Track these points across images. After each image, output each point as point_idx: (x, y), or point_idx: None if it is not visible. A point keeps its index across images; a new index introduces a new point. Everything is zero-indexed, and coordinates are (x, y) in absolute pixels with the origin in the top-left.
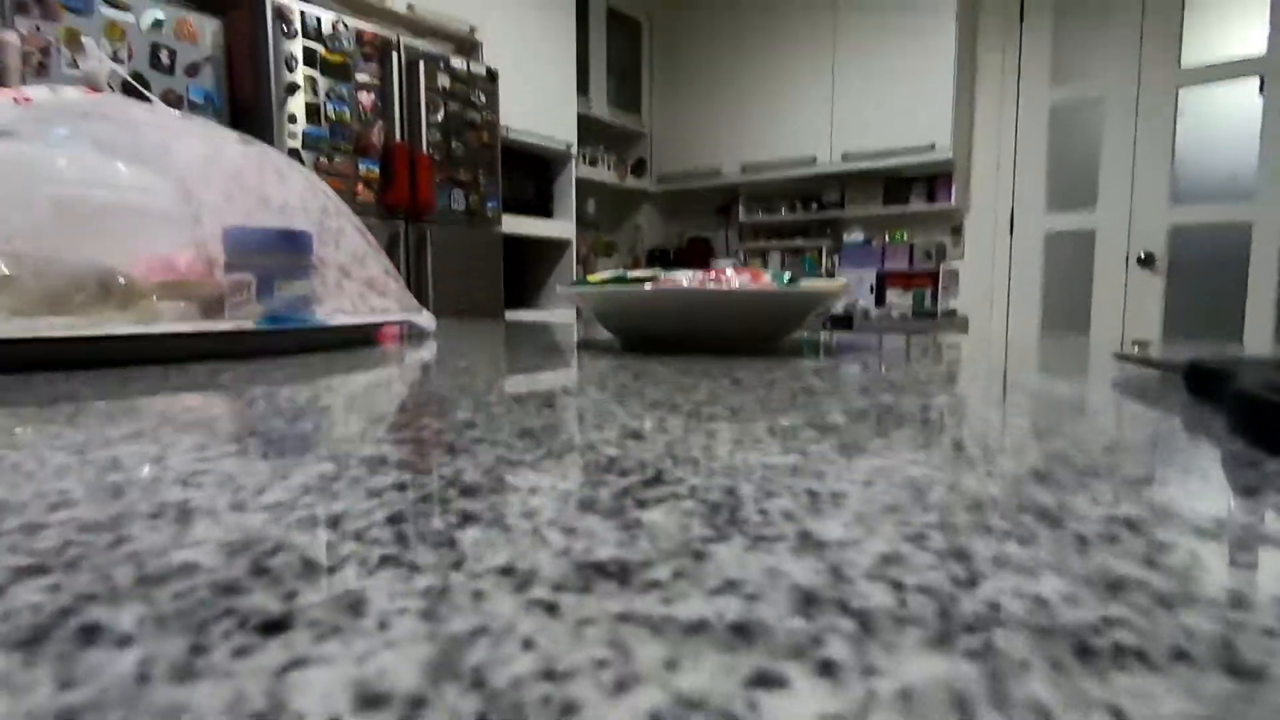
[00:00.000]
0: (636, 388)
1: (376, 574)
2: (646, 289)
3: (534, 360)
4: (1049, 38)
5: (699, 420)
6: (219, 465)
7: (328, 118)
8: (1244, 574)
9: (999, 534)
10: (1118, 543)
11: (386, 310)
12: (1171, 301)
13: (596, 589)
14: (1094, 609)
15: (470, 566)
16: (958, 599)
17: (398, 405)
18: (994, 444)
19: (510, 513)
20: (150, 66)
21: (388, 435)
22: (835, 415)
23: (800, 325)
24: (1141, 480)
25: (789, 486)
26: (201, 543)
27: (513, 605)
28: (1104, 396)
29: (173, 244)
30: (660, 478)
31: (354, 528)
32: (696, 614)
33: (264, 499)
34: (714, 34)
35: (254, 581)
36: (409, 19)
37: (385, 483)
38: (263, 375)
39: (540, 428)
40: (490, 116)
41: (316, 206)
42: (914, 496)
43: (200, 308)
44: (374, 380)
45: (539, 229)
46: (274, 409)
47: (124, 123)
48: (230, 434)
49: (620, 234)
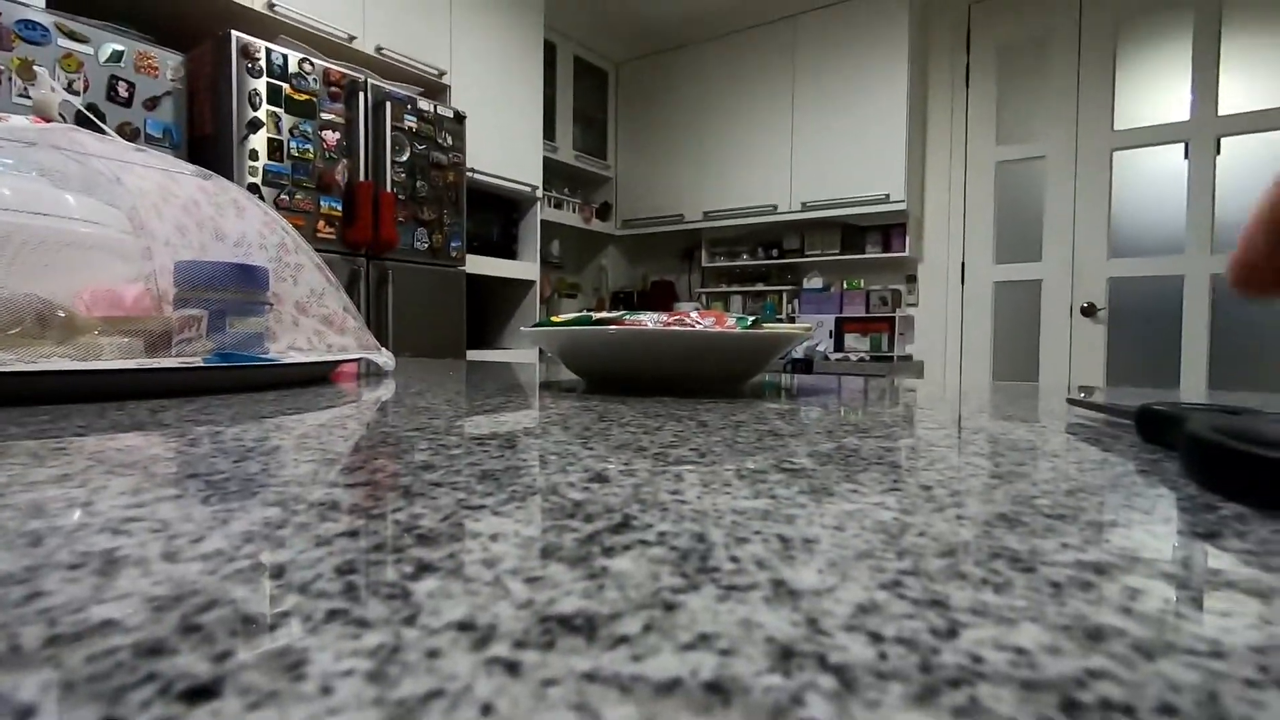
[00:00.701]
0: (601, 429)
1: (321, 631)
2: (611, 330)
3: (496, 400)
4: (993, 100)
5: (666, 463)
6: (153, 510)
7: (290, 154)
8: (1218, 621)
9: (974, 581)
10: (1091, 589)
11: (344, 348)
12: (1113, 349)
13: (561, 645)
14: (1076, 660)
15: (425, 621)
16: (939, 650)
17: (352, 446)
18: (961, 487)
19: (469, 561)
20: (107, 99)
21: (340, 478)
22: (802, 458)
23: (764, 367)
24: (1107, 524)
25: (760, 532)
26: (126, 596)
27: (470, 664)
28: (1060, 440)
29: (120, 277)
30: (628, 523)
31: (299, 579)
32: (669, 672)
33: (200, 547)
34: (678, 86)
35: (182, 641)
36: (378, 61)
37: (335, 529)
38: (208, 414)
39: (502, 470)
40: (457, 158)
41: (275, 242)
42: (886, 541)
43: (146, 343)
44: (328, 420)
45: (503, 269)
46: (218, 449)
47: (74, 153)
48: (168, 476)
49: (585, 275)
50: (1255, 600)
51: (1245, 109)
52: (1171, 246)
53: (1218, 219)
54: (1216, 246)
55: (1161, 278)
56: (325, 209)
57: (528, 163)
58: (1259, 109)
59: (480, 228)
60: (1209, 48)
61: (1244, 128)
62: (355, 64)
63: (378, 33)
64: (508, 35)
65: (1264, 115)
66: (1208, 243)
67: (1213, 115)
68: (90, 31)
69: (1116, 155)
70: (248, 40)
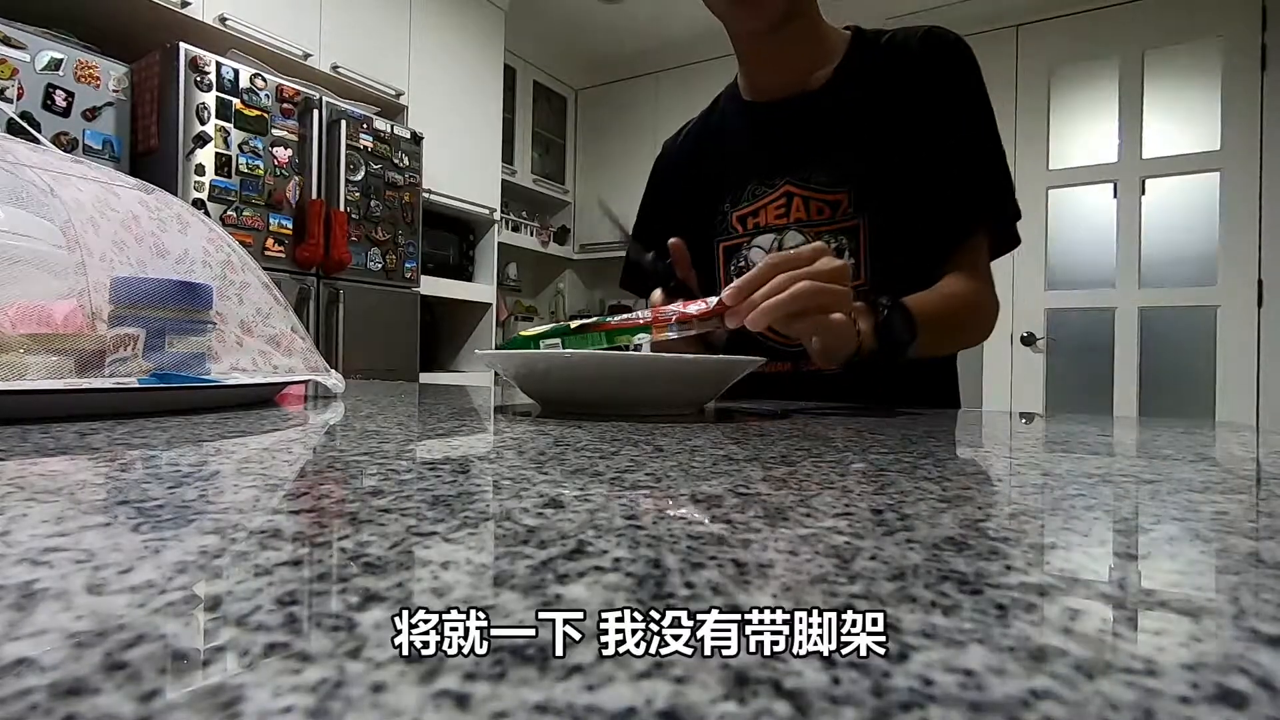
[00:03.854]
0: (557, 453)
1: (259, 666)
2: (567, 353)
3: (449, 424)
4: None
5: (622, 488)
6: (77, 540)
7: (239, 170)
8: (1151, 640)
9: (924, 604)
10: (1034, 610)
11: (290, 369)
12: (1051, 377)
13: (512, 675)
14: (1021, 681)
15: (370, 654)
16: (890, 674)
17: (296, 471)
18: (909, 510)
19: (418, 590)
20: (43, 108)
21: (283, 505)
22: (757, 483)
23: (719, 393)
24: (1046, 546)
25: (715, 557)
26: (43, 633)
27: (417, 698)
28: (1004, 464)
29: (52, 293)
30: (582, 549)
31: (236, 611)
32: (623, 701)
33: (129, 579)
34: (638, 113)
35: (105, 679)
36: (334, 79)
37: (277, 558)
38: (142, 437)
39: (454, 496)
40: (413, 178)
41: (220, 259)
42: (839, 566)
43: (77, 363)
44: (271, 444)
45: (459, 291)
46: (151, 475)
47: (3, 162)
48: (95, 503)
49: (541, 299)
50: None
51: (1167, 153)
52: (1103, 280)
53: (1144, 255)
54: (1144, 281)
55: (1094, 309)
56: (275, 227)
57: (486, 185)
58: (1179, 153)
59: (437, 249)
60: (1133, 94)
61: (1166, 170)
62: (311, 81)
63: (334, 51)
64: (467, 58)
65: (1184, 159)
66: (1135, 277)
67: (1138, 157)
68: (26, 37)
69: (1051, 193)
70: (197, 53)
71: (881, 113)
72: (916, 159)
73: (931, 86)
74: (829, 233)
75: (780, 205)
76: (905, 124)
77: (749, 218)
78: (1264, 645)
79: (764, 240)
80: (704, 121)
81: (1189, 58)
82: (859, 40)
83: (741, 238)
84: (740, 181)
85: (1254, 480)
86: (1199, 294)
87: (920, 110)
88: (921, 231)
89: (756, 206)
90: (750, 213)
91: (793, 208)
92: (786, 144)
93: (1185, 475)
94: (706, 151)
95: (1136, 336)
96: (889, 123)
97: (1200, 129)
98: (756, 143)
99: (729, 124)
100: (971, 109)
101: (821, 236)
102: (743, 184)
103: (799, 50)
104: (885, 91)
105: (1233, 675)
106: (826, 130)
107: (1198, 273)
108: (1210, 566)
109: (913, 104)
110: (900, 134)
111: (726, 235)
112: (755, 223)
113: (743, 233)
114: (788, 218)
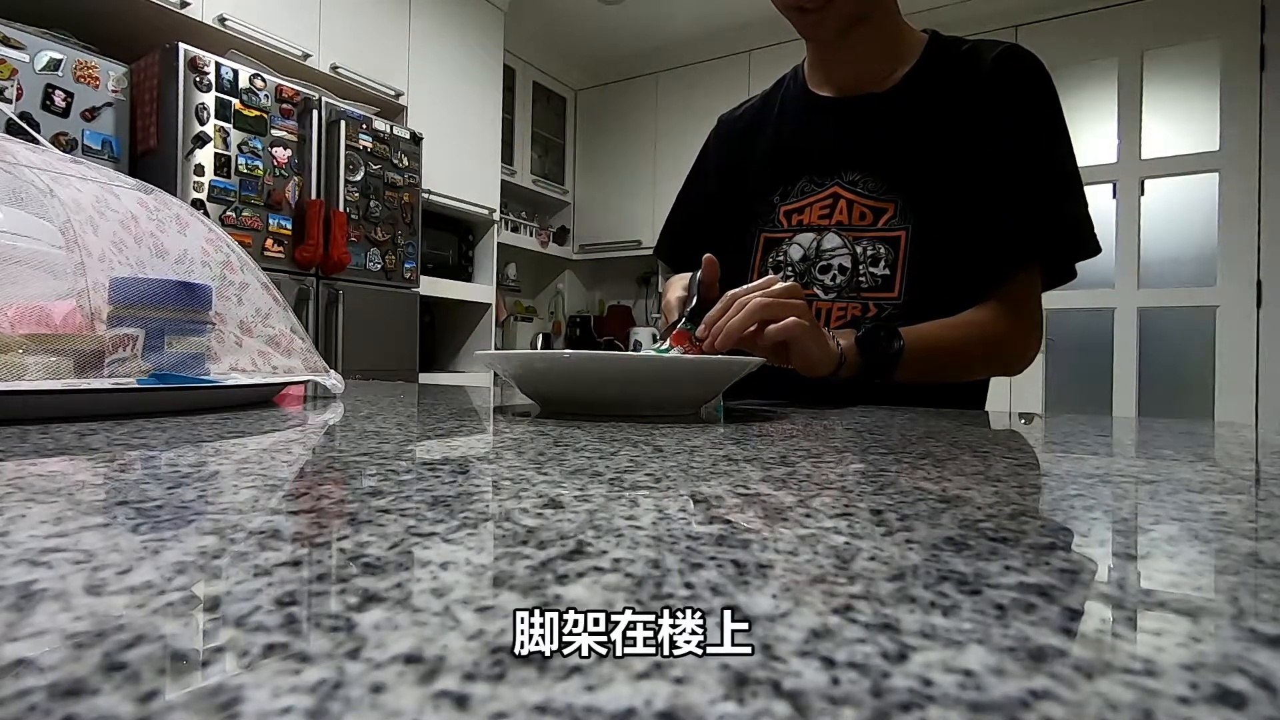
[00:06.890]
0: (556, 454)
1: (258, 666)
2: (565, 354)
3: (448, 424)
4: None
5: (621, 488)
6: (76, 540)
7: (239, 170)
8: (1150, 640)
9: (923, 604)
10: (1033, 610)
11: (290, 370)
12: (1051, 377)
13: (512, 676)
14: (1020, 682)
15: (370, 654)
16: (890, 675)
17: (296, 472)
18: (909, 510)
19: (418, 591)
20: (42, 108)
21: (282, 505)
22: (757, 483)
23: (718, 393)
24: (1046, 546)
25: (714, 558)
26: (42, 633)
27: (417, 699)
28: (1004, 464)
29: (50, 293)
30: (582, 550)
31: (235, 612)
32: (622, 702)
33: (128, 579)
34: (637, 114)
35: (104, 680)
36: (333, 80)
37: (276, 559)
38: (141, 437)
39: (453, 497)
40: (412, 178)
41: (219, 259)
42: (838, 566)
43: (76, 363)
44: (270, 444)
45: (458, 291)
46: (151, 475)
47: (2, 163)
48: (94, 504)
49: (541, 299)
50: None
51: (1165, 153)
52: (1103, 280)
53: (1143, 255)
54: (1143, 281)
55: (1094, 310)
56: (274, 227)
57: (485, 185)
58: (1177, 154)
59: (436, 249)
60: (1132, 95)
61: (1165, 170)
62: (310, 81)
63: (333, 52)
64: (467, 58)
65: (1183, 159)
66: (1135, 277)
67: (1137, 158)
68: (25, 38)
69: None
70: (196, 53)
71: (945, 125)
72: (974, 179)
73: (1001, 106)
74: (869, 240)
75: (825, 205)
76: (968, 141)
77: (794, 214)
78: (1263, 645)
79: (804, 239)
80: (764, 102)
81: (1188, 58)
82: (935, 46)
83: (784, 233)
84: (793, 175)
85: (1253, 480)
86: (1198, 294)
87: (985, 129)
88: (966, 254)
89: (803, 204)
90: (796, 209)
91: (836, 209)
92: (843, 143)
93: (1184, 475)
94: (763, 132)
95: (1136, 336)
96: (951, 137)
97: (1199, 129)
98: (814, 137)
99: (789, 110)
100: (1039, 134)
101: (861, 242)
102: (795, 179)
103: (868, 49)
104: (952, 104)
105: (1232, 675)
106: (885, 135)
107: (1197, 273)
108: (1209, 567)
109: (979, 121)
110: (961, 150)
111: (771, 228)
112: (799, 220)
113: (786, 228)
114: (830, 219)
